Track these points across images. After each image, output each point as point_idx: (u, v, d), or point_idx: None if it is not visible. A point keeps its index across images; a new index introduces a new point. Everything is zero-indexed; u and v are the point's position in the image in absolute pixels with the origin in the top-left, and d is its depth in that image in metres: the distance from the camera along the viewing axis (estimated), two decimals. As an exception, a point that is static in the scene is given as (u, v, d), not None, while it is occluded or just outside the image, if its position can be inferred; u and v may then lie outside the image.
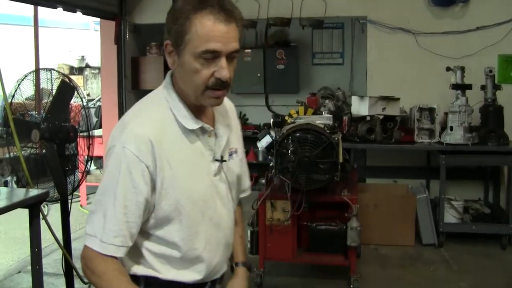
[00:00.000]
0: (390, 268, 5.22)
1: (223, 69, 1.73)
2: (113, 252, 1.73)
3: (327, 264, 5.03)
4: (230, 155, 2.00)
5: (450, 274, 5.05)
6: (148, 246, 1.87)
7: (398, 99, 6.09)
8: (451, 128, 5.91)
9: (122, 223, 1.73)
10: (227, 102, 2.08)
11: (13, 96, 4.93)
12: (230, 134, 2.01)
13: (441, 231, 5.81)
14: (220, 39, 1.70)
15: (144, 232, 1.85)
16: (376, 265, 5.30)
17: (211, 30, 1.69)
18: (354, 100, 6.32)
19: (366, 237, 5.27)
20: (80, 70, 15.49)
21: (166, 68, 7.40)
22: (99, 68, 14.33)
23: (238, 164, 2.06)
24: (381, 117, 6.07)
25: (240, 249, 2.23)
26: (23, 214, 3.80)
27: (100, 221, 1.74)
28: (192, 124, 1.83)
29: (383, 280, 5.02)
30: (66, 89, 4.81)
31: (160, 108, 1.84)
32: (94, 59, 15.25)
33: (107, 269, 1.74)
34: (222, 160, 1.93)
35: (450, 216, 5.95)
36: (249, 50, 7.99)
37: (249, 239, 4.71)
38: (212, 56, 1.71)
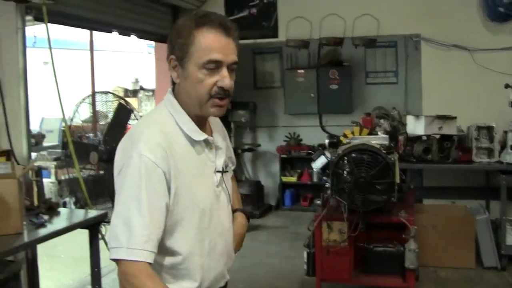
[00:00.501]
0: (449, 289, 5.10)
1: (225, 78, 1.86)
2: (145, 257, 1.74)
3: (385, 286, 4.94)
4: (227, 166, 2.10)
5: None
6: (157, 258, 1.84)
7: (455, 117, 5.98)
8: (511, 147, 5.76)
9: (151, 227, 1.76)
10: (217, 118, 2.18)
11: (72, 119, 5.03)
12: (225, 147, 2.10)
13: (504, 254, 5.63)
14: (222, 50, 1.85)
15: None
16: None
17: (213, 42, 1.85)
18: (410, 119, 6.24)
19: (424, 259, 5.16)
20: (134, 93, 15.76)
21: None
22: (152, 90, 14.55)
23: (232, 173, 2.20)
24: (437, 136, 5.97)
25: (236, 198, 2.36)
26: (81, 234, 3.87)
27: (126, 231, 1.75)
28: (198, 135, 1.93)
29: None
30: (123, 111, 4.91)
31: (166, 122, 1.93)
32: (148, 82, 15.51)
33: (154, 282, 1.75)
34: (224, 171, 2.04)
35: (513, 238, 5.77)
36: (302, 71, 8.01)
37: (305, 260, 4.67)
38: (214, 66, 1.85)
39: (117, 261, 1.76)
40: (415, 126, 6.09)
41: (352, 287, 5.14)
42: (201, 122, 1.97)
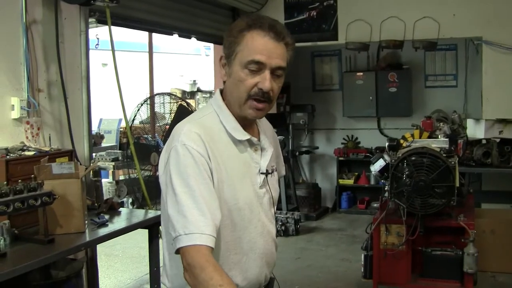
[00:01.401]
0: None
1: (266, 81, 1.86)
2: (205, 241, 1.70)
3: (443, 290, 4.95)
4: (271, 172, 2.05)
5: None
6: None
7: (516, 121, 5.94)
8: None
9: (206, 212, 1.73)
10: (270, 124, 2.23)
11: (133, 120, 5.14)
12: (273, 152, 2.08)
13: None
14: (266, 52, 1.86)
15: None
16: (493, 293, 5.16)
17: (259, 44, 1.86)
18: (470, 123, 6.21)
19: (482, 264, 5.12)
20: (192, 94, 15.89)
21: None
22: (210, 92, 14.66)
23: (277, 181, 2.14)
24: (497, 140, 5.93)
25: None
26: (139, 233, 3.95)
27: (181, 219, 1.74)
28: (241, 135, 1.95)
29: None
30: (184, 112, 4.99)
31: (210, 118, 1.96)
32: (205, 83, 15.62)
33: (221, 276, 1.69)
34: (267, 173, 2.01)
35: None
36: (361, 73, 8.04)
37: (362, 263, 4.70)
38: (257, 67, 1.86)
39: (179, 250, 1.73)
40: (475, 130, 6.07)
41: (409, 290, 5.15)
42: (246, 123, 1.97)
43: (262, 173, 1.99)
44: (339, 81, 8.44)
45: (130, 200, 6.88)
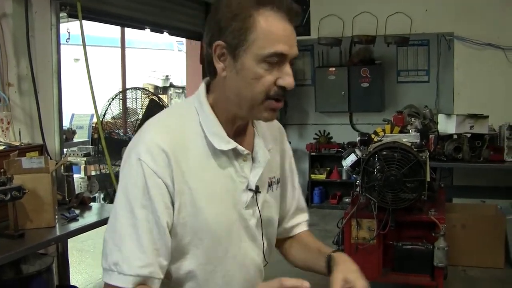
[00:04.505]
0: (476, 290, 5.10)
1: (289, 76, 1.48)
2: (140, 282, 1.45)
3: (413, 284, 4.97)
4: (270, 185, 1.70)
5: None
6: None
7: (487, 117, 5.97)
8: (543, 147, 5.75)
9: (149, 250, 1.45)
10: (276, 122, 1.79)
11: (104, 115, 5.10)
12: (273, 160, 1.71)
13: (533, 253, 5.65)
14: (287, 40, 1.47)
15: None
16: (462, 286, 5.18)
17: (279, 29, 1.46)
18: (441, 118, 6.24)
19: (453, 258, 5.16)
20: (164, 90, 15.83)
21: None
22: (183, 88, 14.59)
23: (277, 197, 1.75)
24: (469, 135, 5.97)
25: (323, 245, 1.80)
26: None
27: (117, 251, 1.46)
28: (222, 143, 1.54)
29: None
30: (155, 107, 4.95)
31: (187, 119, 1.56)
32: (178, 79, 15.55)
33: None
34: (257, 191, 1.61)
35: (542, 238, 5.77)
36: (333, 69, 8.04)
37: (333, 257, 4.70)
38: (277, 60, 1.46)
39: (107, 285, 1.47)
40: (446, 125, 6.09)
41: (380, 285, 5.17)
42: (238, 127, 1.60)
43: (250, 190, 1.60)
44: (312, 76, 8.45)
45: (102, 195, 6.82)
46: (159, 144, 1.46)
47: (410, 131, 5.00)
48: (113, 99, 5.24)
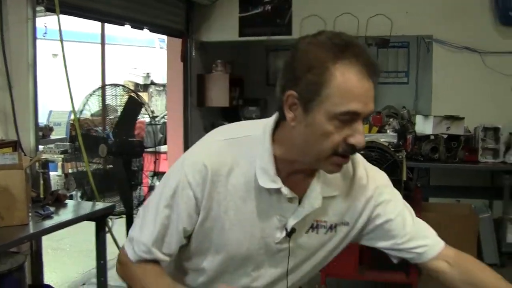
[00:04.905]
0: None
1: (360, 135, 1.43)
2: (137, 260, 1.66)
3: (389, 282, 5.09)
4: (314, 227, 1.65)
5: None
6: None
7: (463, 118, 6.11)
8: (516, 148, 5.90)
9: (157, 242, 1.61)
10: (375, 177, 1.72)
11: (81, 112, 5.07)
12: (332, 207, 1.65)
13: (504, 251, 5.80)
14: (363, 99, 1.41)
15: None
16: (438, 283, 5.28)
17: (355, 86, 1.39)
18: (419, 119, 6.36)
19: (428, 256, 5.27)
20: (145, 87, 15.70)
21: (232, 85, 7.49)
22: (163, 85, 14.48)
23: (323, 241, 1.69)
24: (445, 136, 6.09)
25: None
26: (88, 227, 3.89)
27: (138, 230, 1.64)
28: (267, 181, 1.53)
29: (444, 298, 5.03)
30: (134, 105, 4.93)
31: (246, 146, 1.57)
32: (159, 76, 15.43)
33: (145, 272, 1.64)
34: (291, 233, 1.60)
35: (513, 236, 5.94)
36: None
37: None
38: (349, 118, 1.41)
39: (122, 249, 1.69)
40: (423, 126, 6.21)
41: (356, 283, 5.27)
42: (297, 169, 1.56)
43: (285, 230, 1.60)
44: (293, 76, 8.51)
45: (80, 193, 6.82)
46: (205, 162, 1.53)
47: (388, 131, 5.11)
48: (91, 95, 5.21)
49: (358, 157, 1.70)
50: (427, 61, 7.55)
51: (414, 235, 1.71)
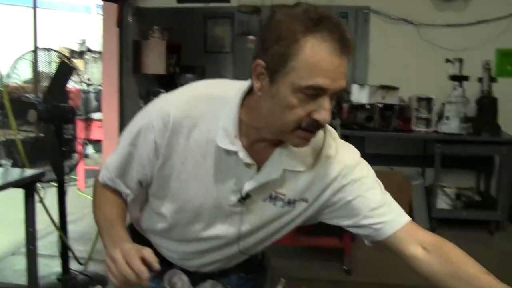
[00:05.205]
0: (384, 252, 5.32)
1: (325, 111, 1.39)
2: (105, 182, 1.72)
3: (323, 247, 5.19)
4: (272, 198, 1.62)
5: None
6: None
7: (397, 88, 6.25)
8: (448, 118, 6.07)
9: (118, 173, 1.66)
10: (344, 156, 1.66)
11: (9, 76, 4.89)
12: (290, 181, 1.61)
13: (434, 217, 6.02)
14: (331, 74, 1.36)
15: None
16: (370, 249, 5.39)
17: (324, 61, 1.35)
18: (355, 88, 6.44)
19: (361, 222, 5.39)
20: (80, 54, 15.35)
21: (170, 52, 7.38)
22: (100, 53, 14.18)
23: (279, 213, 1.64)
24: (380, 105, 6.20)
25: (503, 286, 1.49)
26: (19, 196, 3.77)
27: (110, 157, 1.70)
28: (225, 141, 1.52)
29: (377, 261, 5.14)
30: (65, 70, 4.79)
31: (219, 106, 1.54)
32: (96, 43, 15.12)
33: (103, 196, 1.72)
34: (245, 198, 1.59)
35: (443, 203, 6.14)
36: (252, 37, 8.05)
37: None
38: (315, 93, 1.37)
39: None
40: (359, 95, 6.31)
41: (292, 248, 5.34)
42: (263, 138, 1.54)
43: (239, 194, 1.58)
44: (231, 44, 8.48)
45: (10, 163, 6.63)
46: (170, 111, 1.52)
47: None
48: (20, 59, 5.03)
49: (332, 134, 1.67)
50: (364, 32, 7.63)
51: (375, 213, 1.65)
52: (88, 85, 8.31)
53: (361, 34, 7.66)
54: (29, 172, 3.88)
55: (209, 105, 1.55)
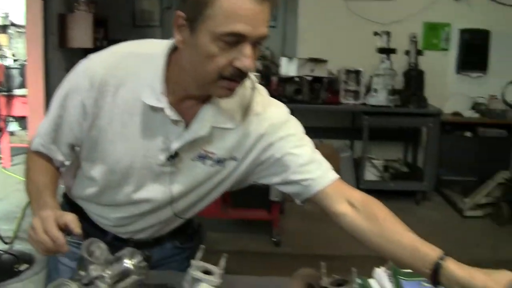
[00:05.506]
0: (312, 223, 5.35)
1: (247, 58, 1.37)
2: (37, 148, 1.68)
3: (252, 219, 5.20)
4: (202, 157, 1.60)
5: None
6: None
7: (326, 61, 6.25)
8: (375, 91, 6.13)
9: (49, 137, 1.63)
10: (272, 114, 1.65)
11: None
12: (219, 139, 1.60)
13: (362, 188, 6.04)
14: (250, 20, 1.34)
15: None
16: (299, 220, 5.45)
17: (242, 7, 1.32)
18: (284, 61, 6.42)
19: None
20: (4, 28, 14.89)
21: (97, 25, 7.23)
22: (24, 26, 13.73)
23: (210, 173, 1.63)
24: (309, 78, 6.21)
25: (424, 243, 1.50)
26: None
27: (42, 122, 1.66)
28: (150, 98, 1.50)
29: (305, 233, 5.21)
30: None
31: (145, 64, 1.52)
32: (20, 17, 14.67)
33: (34, 165, 1.69)
34: (172, 156, 1.57)
35: (371, 174, 6.23)
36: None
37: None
38: (235, 40, 1.35)
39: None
40: (288, 68, 6.30)
41: (221, 221, 5.33)
42: (191, 95, 1.53)
43: (168, 152, 1.57)
44: (160, 18, 8.36)
45: None
46: (97, 70, 1.51)
47: (251, 71, 5.13)
48: None
49: (261, 91, 1.66)
50: (294, 5, 7.61)
51: (305, 169, 1.64)
52: (14, 60, 8.06)
53: (290, 7, 7.65)
54: None
55: (135, 63, 1.53)
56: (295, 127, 1.70)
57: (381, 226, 1.56)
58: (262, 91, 1.67)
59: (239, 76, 1.41)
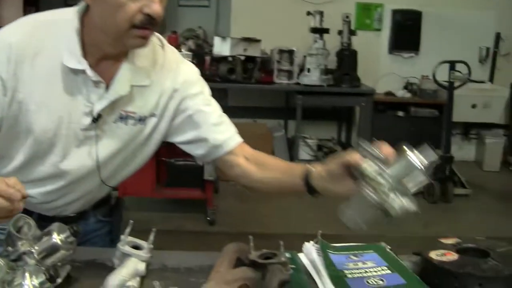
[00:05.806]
0: (246, 202, 5.41)
1: (154, 3, 1.42)
2: None
3: (186, 198, 5.19)
4: (123, 118, 1.62)
5: (297, 204, 5.18)
6: None
7: (259, 40, 6.24)
8: (309, 70, 6.17)
9: None
10: (188, 74, 1.70)
11: None
12: (140, 97, 1.63)
13: (295, 167, 6.15)
14: None
15: None
16: (233, 199, 5.48)
17: None
18: (217, 40, 6.38)
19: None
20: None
21: (27, 4, 7.03)
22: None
23: (131, 131, 1.64)
24: (242, 57, 6.20)
25: (298, 164, 1.68)
26: None
27: None
28: (72, 61, 1.50)
29: (239, 212, 5.24)
30: None
31: (58, 30, 1.53)
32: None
33: None
34: (96, 119, 1.57)
35: (305, 154, 6.30)
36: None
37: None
38: None
39: None
40: (221, 47, 6.26)
41: (154, 201, 5.31)
42: (107, 54, 1.54)
43: (91, 115, 1.56)
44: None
45: None
46: (11, 41, 1.49)
47: (183, 51, 5.10)
48: None
49: (173, 49, 1.72)
50: (227, -15, 7.57)
51: (217, 129, 1.71)
52: None
53: (224, -14, 7.61)
54: None
55: (49, 30, 1.53)
56: (206, 87, 1.77)
57: (264, 165, 1.70)
58: (174, 50, 1.73)
59: (150, 23, 1.43)
